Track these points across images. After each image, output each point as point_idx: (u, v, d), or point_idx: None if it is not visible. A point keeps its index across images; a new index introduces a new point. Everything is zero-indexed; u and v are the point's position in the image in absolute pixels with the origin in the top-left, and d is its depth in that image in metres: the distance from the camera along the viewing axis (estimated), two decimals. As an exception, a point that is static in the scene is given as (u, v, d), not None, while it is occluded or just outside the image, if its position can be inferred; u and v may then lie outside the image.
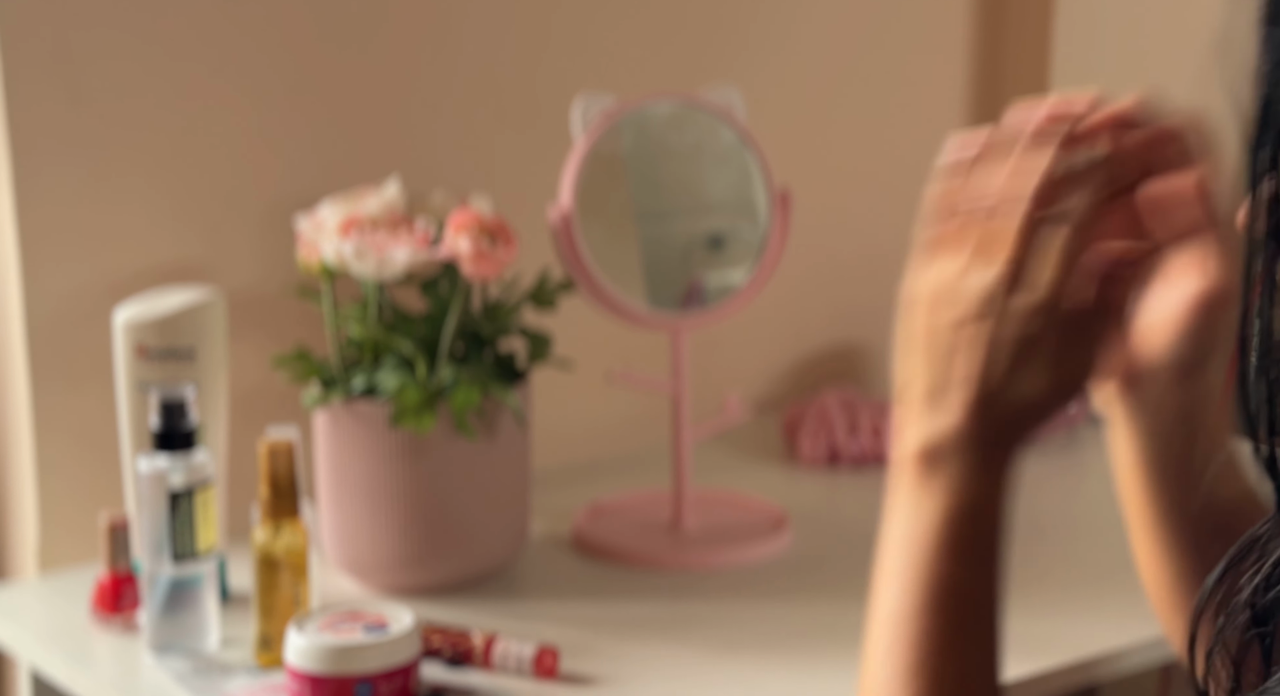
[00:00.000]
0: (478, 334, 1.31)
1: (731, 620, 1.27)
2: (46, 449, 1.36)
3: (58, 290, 1.35)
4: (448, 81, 1.51)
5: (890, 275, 1.84)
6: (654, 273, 1.41)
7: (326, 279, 1.29)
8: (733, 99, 1.42)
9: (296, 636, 1.09)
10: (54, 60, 1.32)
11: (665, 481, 1.49)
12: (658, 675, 1.17)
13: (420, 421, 1.23)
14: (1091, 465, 1.67)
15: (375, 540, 1.28)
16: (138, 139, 1.37)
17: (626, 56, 1.61)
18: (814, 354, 1.81)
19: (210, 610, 1.20)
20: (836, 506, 1.53)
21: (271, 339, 1.41)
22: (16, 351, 1.36)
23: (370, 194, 1.31)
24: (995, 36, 1.87)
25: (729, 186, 1.44)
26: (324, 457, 1.30)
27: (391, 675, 1.08)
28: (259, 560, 1.17)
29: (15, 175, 1.32)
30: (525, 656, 1.16)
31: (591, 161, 1.37)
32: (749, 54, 1.69)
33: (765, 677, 1.17)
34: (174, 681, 1.16)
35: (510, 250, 1.26)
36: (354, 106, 1.47)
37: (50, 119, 1.33)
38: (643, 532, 1.42)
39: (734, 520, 1.45)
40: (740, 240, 1.42)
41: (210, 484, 1.19)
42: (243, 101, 1.41)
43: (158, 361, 1.26)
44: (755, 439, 1.69)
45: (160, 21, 1.36)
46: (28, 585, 1.37)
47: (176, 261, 1.40)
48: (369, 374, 1.27)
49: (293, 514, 1.17)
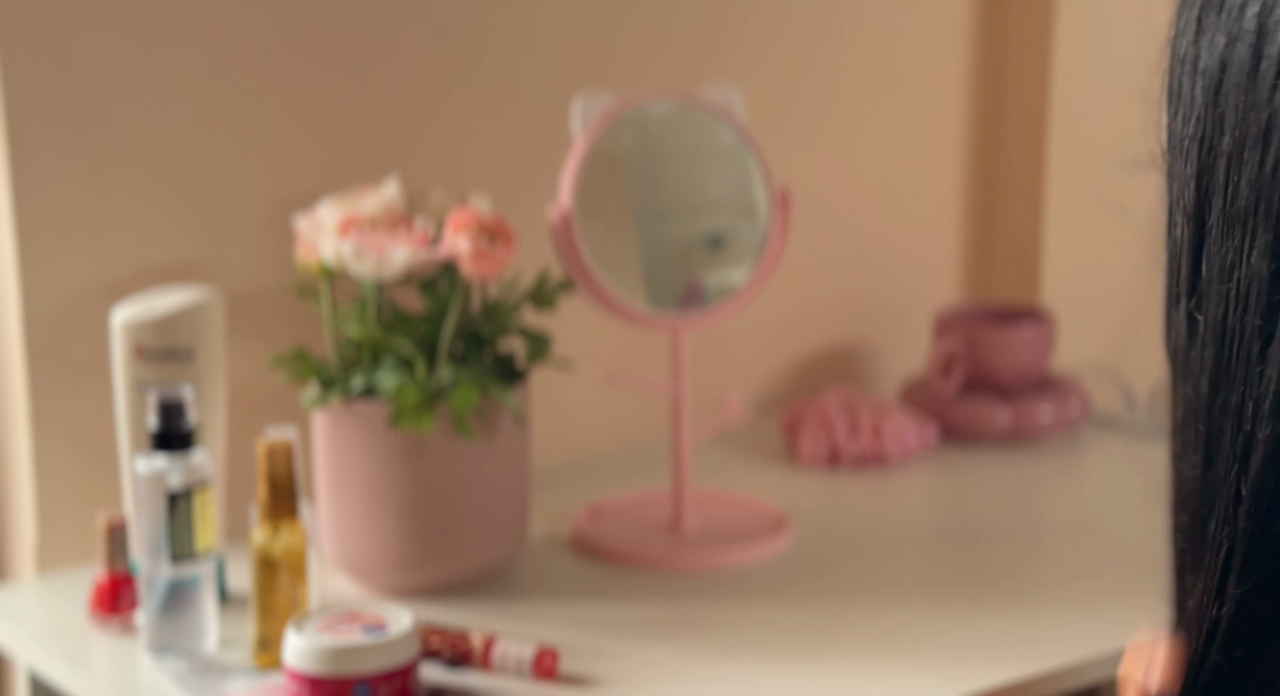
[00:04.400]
0: (477, 334, 1.30)
1: (731, 620, 1.26)
2: (44, 449, 1.36)
3: (55, 290, 1.35)
4: (447, 81, 1.51)
5: (890, 275, 1.85)
6: (654, 272, 1.41)
7: (325, 279, 1.29)
8: (733, 99, 1.41)
9: (295, 637, 1.09)
10: (53, 60, 1.32)
11: (665, 481, 1.49)
12: (657, 676, 1.17)
13: (419, 422, 1.23)
14: (1093, 466, 1.67)
15: (374, 540, 1.28)
16: (136, 138, 1.37)
17: (626, 56, 1.61)
18: (814, 354, 1.81)
19: (209, 611, 1.20)
20: (836, 506, 1.53)
21: (270, 339, 1.41)
22: (14, 351, 1.36)
23: (369, 193, 1.31)
24: (996, 36, 1.86)
25: (729, 186, 1.44)
26: (323, 458, 1.29)
27: (390, 676, 1.08)
28: (257, 561, 1.17)
29: (13, 174, 1.32)
30: (525, 657, 1.15)
31: (591, 161, 1.36)
32: (749, 54, 1.69)
33: (765, 678, 1.17)
34: (172, 682, 1.16)
35: (510, 250, 1.26)
36: (353, 106, 1.47)
37: (48, 118, 1.33)
38: (643, 533, 1.42)
39: (734, 520, 1.44)
40: (740, 240, 1.42)
41: (209, 484, 1.19)
42: (241, 101, 1.41)
43: (156, 361, 1.25)
44: (755, 439, 1.69)
45: (158, 21, 1.36)
46: (26, 586, 1.37)
47: (175, 261, 1.39)
48: (368, 374, 1.27)
49: (291, 514, 1.17)
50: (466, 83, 1.52)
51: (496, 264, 1.25)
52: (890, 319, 1.85)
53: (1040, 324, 1.72)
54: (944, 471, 1.63)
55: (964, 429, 1.68)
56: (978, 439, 1.68)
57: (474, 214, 1.26)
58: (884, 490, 1.58)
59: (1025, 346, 1.70)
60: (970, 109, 1.87)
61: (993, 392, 1.69)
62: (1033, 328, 1.71)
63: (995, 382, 1.70)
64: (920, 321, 1.83)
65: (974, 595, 1.31)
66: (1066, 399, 1.70)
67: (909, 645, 1.22)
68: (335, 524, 1.29)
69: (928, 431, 1.64)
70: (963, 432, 1.68)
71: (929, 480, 1.61)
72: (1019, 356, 1.70)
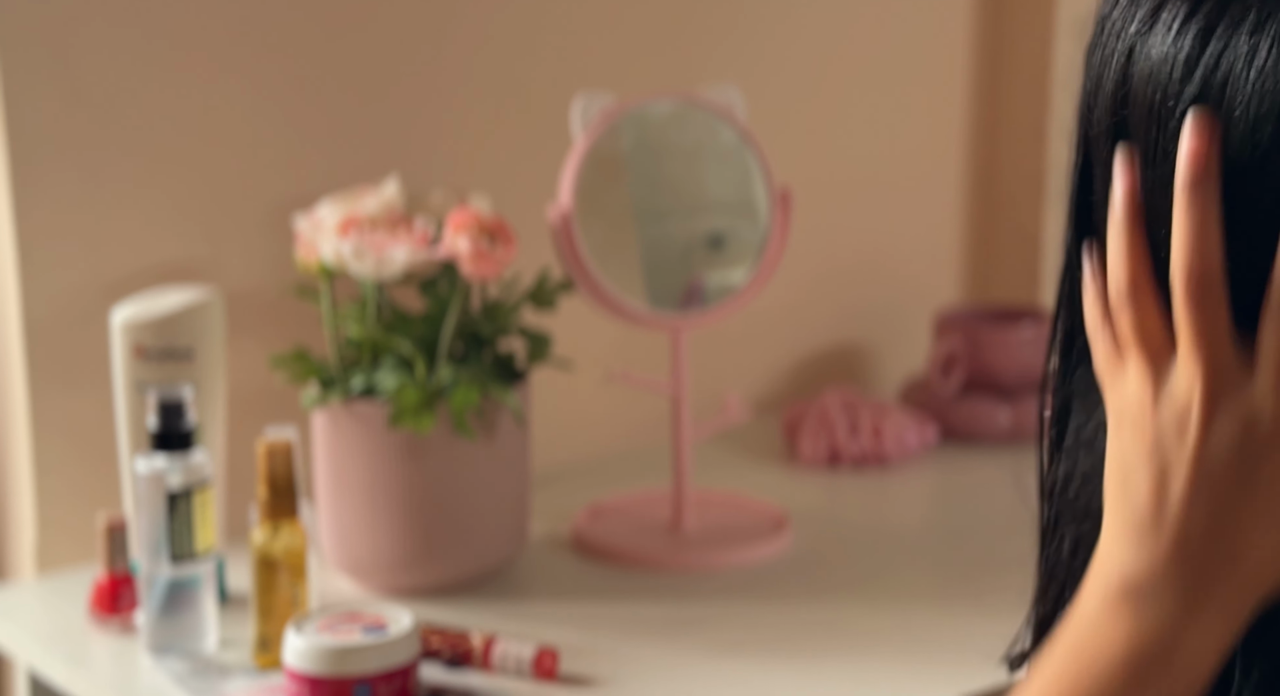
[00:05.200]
0: (477, 334, 1.30)
1: (731, 621, 1.26)
2: (44, 449, 1.36)
3: (55, 290, 1.35)
4: (447, 81, 1.51)
5: (890, 275, 1.85)
6: (654, 272, 1.41)
7: (325, 279, 1.29)
8: (733, 98, 1.41)
9: (295, 637, 1.09)
10: (53, 60, 1.32)
11: (665, 481, 1.49)
12: (658, 676, 1.17)
13: (419, 421, 1.23)
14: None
15: (374, 540, 1.28)
16: (136, 138, 1.37)
17: (626, 56, 1.61)
18: (814, 354, 1.81)
19: (208, 611, 1.20)
20: (836, 506, 1.53)
21: (270, 339, 1.41)
22: (14, 352, 1.36)
23: (369, 193, 1.31)
24: (996, 36, 1.86)
25: (729, 186, 1.44)
26: (322, 458, 1.29)
27: (390, 676, 1.08)
28: (257, 561, 1.17)
29: (13, 174, 1.32)
30: (525, 657, 1.15)
31: (591, 161, 1.36)
32: (749, 54, 1.69)
33: (765, 678, 1.17)
34: (172, 682, 1.16)
35: (510, 250, 1.26)
36: (353, 106, 1.47)
37: (48, 118, 1.33)
38: (643, 533, 1.41)
39: (734, 520, 1.44)
40: (740, 240, 1.42)
41: (208, 484, 1.19)
42: (242, 101, 1.41)
43: (156, 361, 1.25)
44: (755, 439, 1.69)
45: (158, 21, 1.36)
46: (26, 586, 1.37)
47: (174, 261, 1.39)
48: (368, 374, 1.27)
49: (291, 514, 1.17)
50: (467, 83, 1.52)
51: (496, 264, 1.25)
52: (890, 319, 1.85)
53: (1040, 324, 1.72)
54: (944, 471, 1.63)
55: (964, 429, 1.68)
56: (978, 439, 1.68)
57: (474, 214, 1.26)
58: (884, 490, 1.58)
59: (1025, 346, 1.70)
60: (970, 109, 1.87)
61: (993, 392, 1.69)
62: (1033, 328, 1.71)
63: (995, 382, 1.70)
64: (920, 321, 1.83)
65: (974, 595, 1.31)
66: (1066, 399, 1.69)
67: (909, 645, 1.22)
68: (335, 524, 1.29)
69: (928, 431, 1.64)
70: (963, 432, 1.68)
71: (929, 480, 1.61)
72: (1019, 356, 1.70)
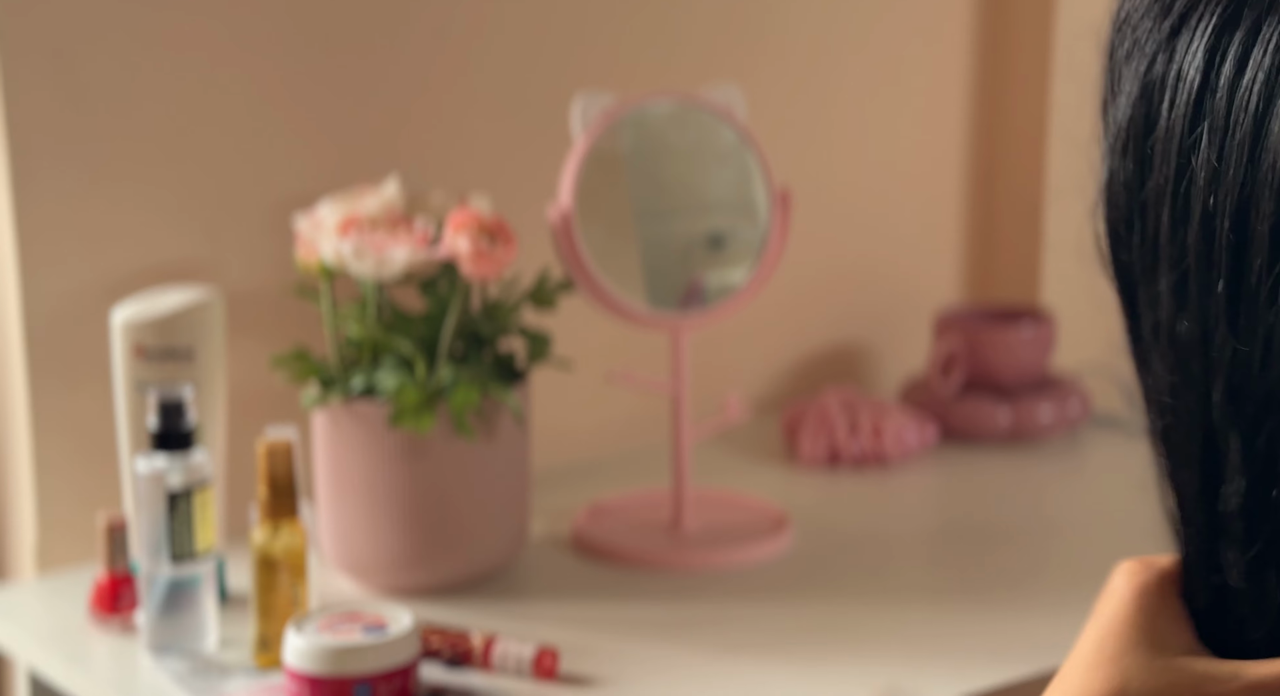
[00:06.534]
0: (477, 334, 1.30)
1: (731, 621, 1.26)
2: (44, 449, 1.36)
3: (55, 290, 1.35)
4: (447, 81, 1.51)
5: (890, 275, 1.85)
6: (654, 272, 1.41)
7: (325, 278, 1.29)
8: (733, 98, 1.41)
9: (295, 637, 1.09)
10: (53, 60, 1.32)
11: (665, 481, 1.49)
12: (657, 676, 1.17)
13: (419, 421, 1.23)
14: (1093, 466, 1.67)
15: (374, 540, 1.28)
16: (136, 138, 1.37)
17: (626, 56, 1.61)
18: (814, 354, 1.81)
19: (208, 611, 1.20)
20: (836, 506, 1.53)
21: (270, 339, 1.41)
22: (14, 351, 1.36)
23: (369, 193, 1.31)
24: (997, 36, 1.86)
25: (729, 186, 1.44)
26: (323, 458, 1.29)
27: (390, 676, 1.08)
28: (257, 560, 1.17)
29: (13, 174, 1.32)
30: (525, 657, 1.15)
31: (591, 161, 1.36)
32: (749, 54, 1.69)
33: (765, 678, 1.17)
34: (172, 682, 1.16)
35: (510, 250, 1.26)
36: (353, 106, 1.47)
37: (48, 118, 1.33)
38: (642, 533, 1.41)
39: (734, 520, 1.44)
40: (740, 240, 1.42)
41: (208, 484, 1.19)
42: (242, 100, 1.41)
43: (156, 361, 1.25)
44: (755, 439, 1.69)
45: (158, 21, 1.36)
46: (26, 585, 1.37)
47: (174, 261, 1.39)
48: (368, 374, 1.27)
49: (291, 514, 1.17)
50: (467, 82, 1.52)
51: (496, 264, 1.25)
52: (890, 319, 1.85)
53: (1040, 324, 1.72)
54: (944, 471, 1.63)
55: (964, 429, 1.68)
56: (978, 439, 1.68)
57: (474, 214, 1.26)
58: (884, 490, 1.58)
59: (1025, 346, 1.70)
60: (970, 109, 1.87)
61: (993, 392, 1.69)
62: (1033, 327, 1.71)
63: (995, 382, 1.70)
64: (920, 321, 1.83)
65: (974, 595, 1.31)
66: (1066, 399, 1.70)
67: (909, 645, 1.22)
68: (335, 524, 1.29)
69: (928, 431, 1.64)
70: (963, 432, 1.68)
71: (929, 480, 1.61)
72: (1019, 356, 1.70)
